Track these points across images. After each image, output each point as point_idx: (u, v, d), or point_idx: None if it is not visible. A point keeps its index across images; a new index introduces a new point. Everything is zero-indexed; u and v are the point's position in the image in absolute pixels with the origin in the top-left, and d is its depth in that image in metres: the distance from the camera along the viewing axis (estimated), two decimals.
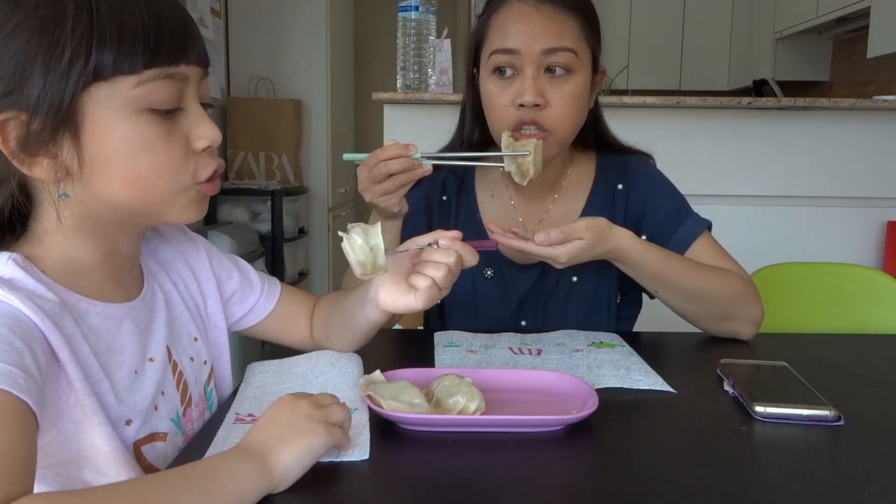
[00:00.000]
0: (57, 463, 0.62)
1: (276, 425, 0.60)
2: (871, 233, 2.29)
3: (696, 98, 2.17)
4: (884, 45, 3.18)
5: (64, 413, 0.61)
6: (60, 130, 0.60)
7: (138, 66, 0.60)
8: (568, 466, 0.66)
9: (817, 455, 0.68)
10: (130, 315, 0.70)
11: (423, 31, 2.13)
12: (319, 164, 3.92)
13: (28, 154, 0.60)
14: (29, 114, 0.59)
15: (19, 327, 0.57)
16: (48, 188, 0.64)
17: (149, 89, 0.62)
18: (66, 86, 0.59)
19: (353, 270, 0.75)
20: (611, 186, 1.14)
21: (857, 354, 1.04)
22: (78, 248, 0.67)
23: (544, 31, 0.99)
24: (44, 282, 0.62)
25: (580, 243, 0.94)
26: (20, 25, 0.58)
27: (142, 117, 0.62)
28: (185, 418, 0.74)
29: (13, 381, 0.51)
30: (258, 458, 0.56)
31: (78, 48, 0.58)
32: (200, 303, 0.82)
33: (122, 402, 0.66)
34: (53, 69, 0.58)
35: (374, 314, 0.83)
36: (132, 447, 0.67)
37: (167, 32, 0.62)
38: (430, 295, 0.76)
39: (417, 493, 0.59)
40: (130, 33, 0.60)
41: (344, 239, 0.74)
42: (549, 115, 1.00)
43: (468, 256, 0.78)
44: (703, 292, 1.01)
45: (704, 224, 1.09)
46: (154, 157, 0.64)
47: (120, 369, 0.67)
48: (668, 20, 4.97)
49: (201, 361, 0.79)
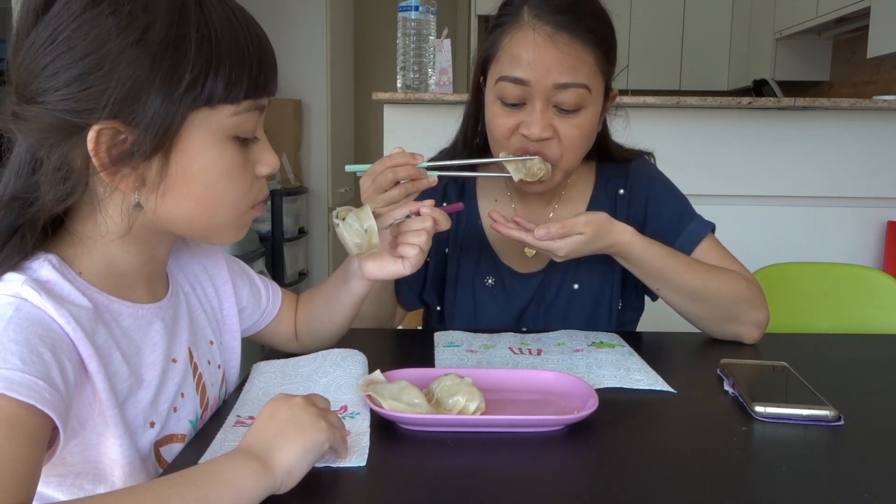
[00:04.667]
0: (73, 473, 0.62)
1: (275, 423, 0.59)
2: (871, 233, 2.29)
3: (696, 98, 2.17)
4: (884, 45, 3.18)
5: (87, 423, 0.61)
6: (159, 150, 0.61)
7: (240, 96, 0.63)
8: (568, 466, 0.66)
9: (817, 455, 0.68)
10: (159, 315, 0.71)
11: (423, 31, 2.13)
12: (319, 164, 3.92)
13: (115, 165, 0.61)
14: (133, 129, 0.59)
15: (50, 337, 0.56)
16: (112, 195, 0.64)
17: (242, 119, 0.65)
18: (179, 109, 0.60)
19: (349, 251, 0.83)
20: (612, 192, 1.13)
21: (857, 354, 1.03)
22: (123, 253, 0.67)
23: (558, 65, 0.93)
24: (78, 285, 0.62)
25: (580, 238, 0.93)
26: (142, 42, 0.58)
27: (228, 144, 0.65)
28: (201, 421, 0.74)
29: (38, 395, 0.51)
30: (259, 459, 0.55)
31: (198, 75, 0.60)
32: (217, 307, 0.83)
33: (151, 402, 0.67)
34: (171, 92, 0.59)
35: (359, 287, 0.89)
36: (152, 448, 0.67)
37: (265, 64, 0.65)
38: (417, 261, 0.84)
39: (417, 493, 0.59)
40: (240, 63, 0.63)
41: (339, 225, 0.82)
42: (556, 147, 0.98)
43: (442, 220, 0.85)
44: (706, 292, 1.00)
45: (708, 227, 1.08)
46: (231, 183, 0.67)
47: (152, 369, 0.68)
48: (668, 20, 4.97)
49: (216, 365, 0.80)
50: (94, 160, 0.60)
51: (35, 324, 0.56)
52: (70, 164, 0.61)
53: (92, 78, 0.58)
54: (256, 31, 0.65)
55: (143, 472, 0.65)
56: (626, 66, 4.17)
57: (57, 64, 0.58)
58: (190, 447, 0.68)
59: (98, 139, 0.59)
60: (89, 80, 0.58)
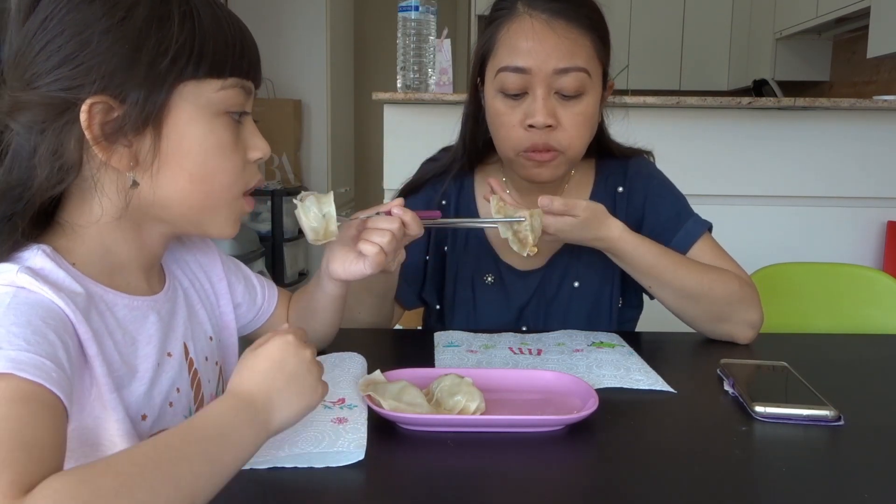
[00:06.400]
0: (74, 458, 0.62)
1: (281, 375, 0.59)
2: (871, 233, 2.29)
3: (696, 98, 2.17)
4: (884, 45, 3.18)
5: (85, 407, 0.61)
6: (148, 122, 0.63)
7: (225, 72, 0.66)
8: (568, 466, 0.66)
9: (817, 455, 0.68)
10: (155, 308, 0.71)
11: (423, 31, 2.13)
12: (319, 164, 3.93)
13: (108, 141, 0.62)
14: (122, 103, 0.61)
15: (53, 319, 0.57)
16: (108, 177, 0.65)
17: (228, 94, 0.67)
18: (166, 81, 0.63)
19: (307, 236, 0.81)
20: (611, 189, 1.13)
21: (857, 354, 1.03)
22: (115, 240, 0.68)
23: (557, 50, 0.95)
24: (72, 273, 0.63)
25: (572, 220, 0.94)
26: (127, 19, 0.61)
27: (219, 120, 0.67)
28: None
29: (47, 375, 0.51)
30: (261, 413, 0.56)
31: (182, 47, 0.63)
32: (214, 303, 0.83)
33: (144, 395, 0.67)
34: (156, 64, 0.62)
35: (330, 287, 0.88)
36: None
37: (247, 48, 0.69)
38: (377, 261, 0.81)
39: (417, 493, 0.59)
40: (223, 42, 0.66)
41: (298, 206, 0.80)
42: (561, 136, 0.98)
43: (412, 224, 0.83)
44: (698, 290, 1.00)
45: (705, 225, 1.09)
46: (223, 160, 0.68)
47: (145, 361, 0.68)
48: (668, 20, 4.97)
49: (213, 362, 0.80)
50: (86, 134, 0.61)
51: (35, 307, 0.56)
52: (64, 146, 0.62)
53: (82, 56, 0.60)
54: (238, 22, 0.69)
55: None
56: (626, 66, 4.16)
57: (50, 47, 0.61)
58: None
59: (90, 113, 0.61)
60: (79, 58, 0.60)
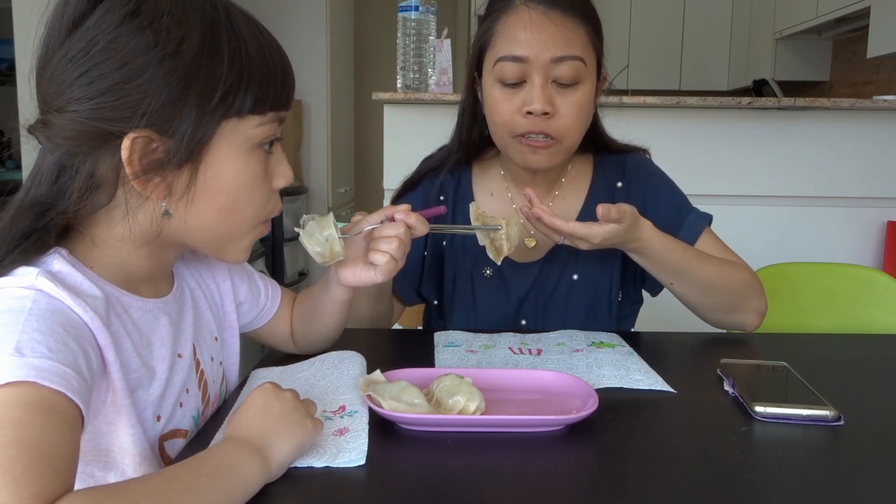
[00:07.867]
0: (83, 461, 0.62)
1: (269, 416, 0.61)
2: (871, 233, 2.29)
3: (696, 98, 2.17)
4: (884, 45, 3.18)
5: (100, 412, 0.62)
6: (190, 159, 0.63)
7: (266, 107, 0.65)
8: (568, 466, 0.66)
9: (817, 455, 0.68)
10: (165, 309, 0.72)
11: (423, 31, 2.13)
12: (319, 164, 3.92)
13: (145, 173, 0.62)
14: (167, 139, 0.61)
15: (72, 327, 0.57)
16: (140, 202, 0.64)
17: (266, 129, 0.66)
18: (213, 118, 0.62)
19: (314, 259, 0.82)
20: (609, 184, 1.14)
21: (857, 354, 1.03)
22: (135, 257, 0.68)
23: (554, 39, 0.97)
24: (90, 277, 0.63)
25: (617, 227, 0.93)
26: (178, 54, 0.60)
27: (254, 154, 0.67)
28: (203, 417, 0.75)
29: (68, 383, 0.51)
30: (259, 452, 0.58)
31: (230, 87, 0.62)
32: (219, 302, 0.84)
33: (160, 396, 0.67)
34: (205, 103, 0.61)
35: (338, 292, 0.88)
36: (157, 442, 0.68)
37: (287, 77, 0.68)
38: (388, 269, 0.82)
39: (417, 493, 0.59)
40: (267, 77, 0.65)
41: (300, 233, 0.81)
42: (558, 123, 0.99)
43: (418, 225, 0.83)
44: (718, 283, 1.02)
45: (706, 219, 1.10)
46: (252, 192, 0.68)
47: (161, 363, 0.69)
48: (668, 20, 4.96)
49: (218, 362, 0.81)
50: (126, 168, 0.61)
51: (55, 314, 0.56)
52: (97, 172, 0.62)
53: (128, 87, 0.59)
54: (279, 49, 0.68)
55: (154, 460, 0.66)
56: (627, 66, 4.16)
57: (92, 73, 0.59)
58: (191, 446, 0.68)
59: (132, 147, 0.60)
60: (125, 89, 0.59)
